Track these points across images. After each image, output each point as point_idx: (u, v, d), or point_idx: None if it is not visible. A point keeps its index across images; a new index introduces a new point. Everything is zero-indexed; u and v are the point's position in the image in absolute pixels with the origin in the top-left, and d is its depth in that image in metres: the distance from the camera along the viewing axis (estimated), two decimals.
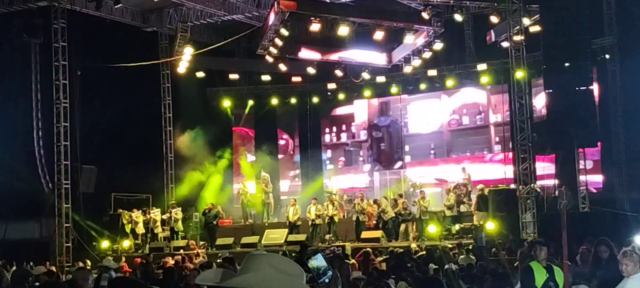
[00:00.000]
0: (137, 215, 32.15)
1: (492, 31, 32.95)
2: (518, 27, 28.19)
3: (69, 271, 26.71)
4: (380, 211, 30.00)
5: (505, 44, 30.17)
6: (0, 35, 31.62)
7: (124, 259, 27.56)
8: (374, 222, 30.17)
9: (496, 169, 34.19)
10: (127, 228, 32.30)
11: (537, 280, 10.77)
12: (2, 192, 30.68)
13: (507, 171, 32.20)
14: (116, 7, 31.08)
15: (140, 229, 32.02)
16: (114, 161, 32.59)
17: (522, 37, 28.18)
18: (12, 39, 31.92)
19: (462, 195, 30.49)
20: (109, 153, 32.61)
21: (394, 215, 29.82)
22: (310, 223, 30.53)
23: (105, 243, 31.24)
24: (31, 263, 24.07)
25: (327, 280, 3.90)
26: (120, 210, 32.67)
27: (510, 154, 31.58)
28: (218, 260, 22.29)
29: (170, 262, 23.10)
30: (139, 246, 31.80)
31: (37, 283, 15.89)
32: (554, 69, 27.45)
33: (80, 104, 31.35)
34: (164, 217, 32.71)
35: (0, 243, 31.06)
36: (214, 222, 31.99)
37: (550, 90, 28.12)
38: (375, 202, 31.11)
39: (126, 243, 31.74)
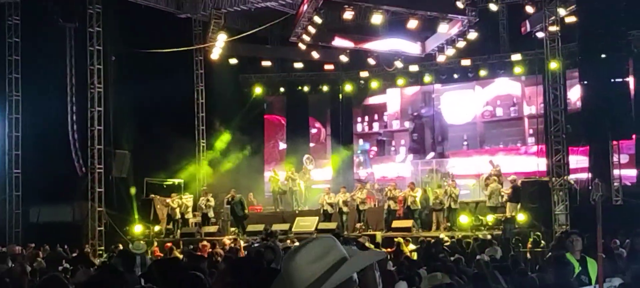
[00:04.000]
0: (172, 200, 32.22)
1: (527, 21, 32.68)
2: (553, 18, 27.91)
3: (101, 254, 27.01)
4: (410, 200, 29.94)
5: (540, 35, 29.91)
6: (36, 19, 31.82)
7: (155, 244, 27.75)
8: (404, 211, 30.12)
9: (530, 162, 33.89)
10: (160, 213, 32.46)
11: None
12: (36, 175, 30.98)
13: (540, 163, 31.94)
14: None
15: (177, 214, 32.07)
16: (147, 146, 32.77)
17: (558, 28, 27.89)
18: (47, 24, 32.12)
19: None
20: (142, 139, 32.79)
21: (419, 206, 29.78)
22: (338, 210, 30.54)
23: (137, 228, 31.40)
24: (65, 246, 24.36)
25: None
26: (153, 195, 32.85)
27: (544, 147, 31.30)
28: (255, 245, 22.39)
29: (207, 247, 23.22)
30: (170, 231, 31.94)
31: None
32: (589, 60, 27.25)
33: (113, 89, 31.56)
34: (197, 203, 32.86)
35: (34, 227, 31.41)
36: (242, 210, 31.96)
37: (586, 82, 27.91)
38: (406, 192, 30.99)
39: (158, 228, 31.92)
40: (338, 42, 33.14)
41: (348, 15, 27.94)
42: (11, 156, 31.57)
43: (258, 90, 39.00)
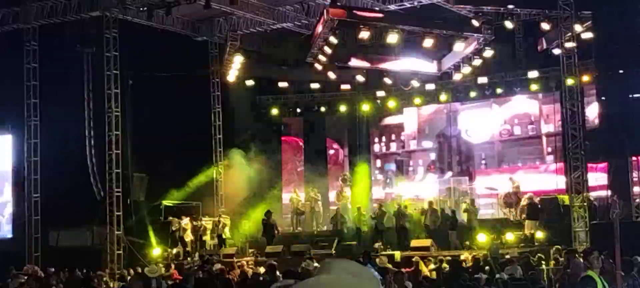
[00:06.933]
0: (186, 222, 32.33)
1: (543, 38, 32.60)
2: (570, 34, 27.81)
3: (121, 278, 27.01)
4: (430, 219, 29.90)
5: (556, 52, 29.81)
6: (53, 44, 32.10)
7: (173, 266, 27.73)
8: (423, 229, 30.09)
9: (549, 179, 33.64)
10: (178, 236, 32.50)
11: None
12: (55, 200, 31.14)
13: (559, 181, 31.78)
14: (167, 16, 31.34)
15: (188, 236, 32.17)
16: (165, 169, 32.87)
17: (574, 44, 27.79)
18: (65, 49, 32.40)
19: (513, 204, 30.24)
20: (159, 162, 32.89)
21: (438, 223, 29.74)
22: (355, 230, 30.56)
23: (156, 251, 31.44)
24: (84, 270, 24.41)
25: None
26: (170, 218, 32.88)
27: (563, 164, 31.16)
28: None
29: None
30: (188, 254, 31.95)
31: None
32: (607, 76, 27.15)
33: (131, 112, 31.68)
34: (212, 224, 32.92)
35: (53, 251, 31.53)
36: (274, 229, 32.04)
37: (603, 98, 27.82)
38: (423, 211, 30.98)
39: (176, 251, 31.96)
40: (354, 62, 33.12)
41: (364, 35, 27.90)
42: (30, 180, 31.75)
43: (275, 111, 39.02)
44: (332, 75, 34.74)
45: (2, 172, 34.79)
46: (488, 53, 30.59)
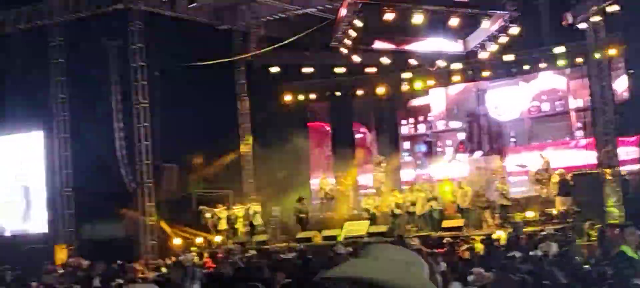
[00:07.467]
0: (220, 210, 32.45)
1: (568, 13, 32.27)
2: (595, 8, 27.51)
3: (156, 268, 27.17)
4: (460, 199, 29.82)
5: (582, 26, 29.51)
6: (79, 39, 32.27)
7: (207, 254, 27.89)
8: (455, 210, 30.00)
9: (579, 155, 33.39)
10: (210, 225, 32.64)
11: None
12: (87, 193, 31.37)
13: (589, 157, 31.54)
14: (190, 6, 31.37)
15: (223, 225, 32.30)
16: (195, 159, 32.98)
17: (601, 18, 27.50)
18: (91, 43, 32.56)
19: (544, 181, 30.08)
20: (189, 151, 33.03)
21: (469, 204, 29.66)
22: (390, 213, 30.51)
23: (188, 240, 31.61)
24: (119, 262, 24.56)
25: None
26: (202, 207, 33.01)
27: (593, 139, 30.93)
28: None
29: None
30: (223, 242, 32.05)
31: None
32: (635, 49, 26.90)
33: (159, 103, 31.82)
34: (243, 212, 33.02)
35: (87, 244, 31.79)
36: (306, 215, 32.19)
37: (632, 71, 27.58)
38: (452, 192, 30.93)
39: (209, 239, 32.10)
40: (379, 44, 32.91)
41: (389, 16, 27.74)
42: (62, 175, 32.00)
43: (300, 97, 38.95)
44: (356, 58, 34.59)
45: (36, 168, 35.01)
46: (514, 30, 30.32)
